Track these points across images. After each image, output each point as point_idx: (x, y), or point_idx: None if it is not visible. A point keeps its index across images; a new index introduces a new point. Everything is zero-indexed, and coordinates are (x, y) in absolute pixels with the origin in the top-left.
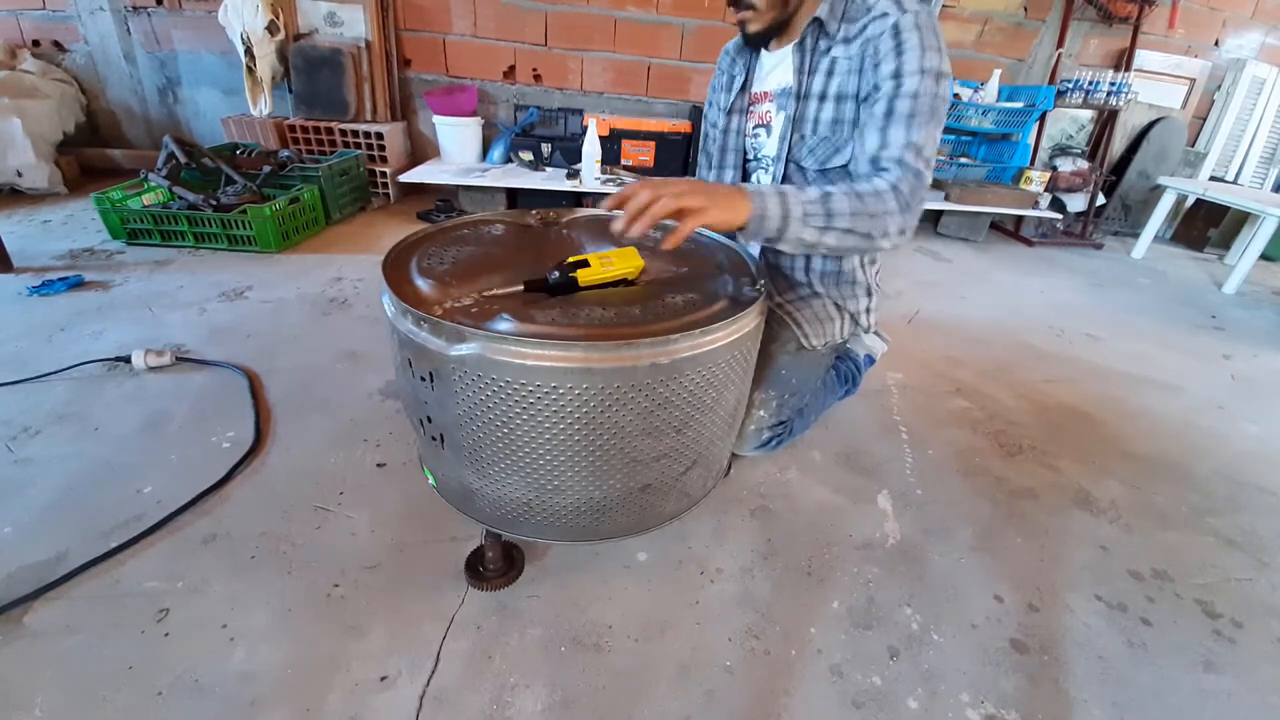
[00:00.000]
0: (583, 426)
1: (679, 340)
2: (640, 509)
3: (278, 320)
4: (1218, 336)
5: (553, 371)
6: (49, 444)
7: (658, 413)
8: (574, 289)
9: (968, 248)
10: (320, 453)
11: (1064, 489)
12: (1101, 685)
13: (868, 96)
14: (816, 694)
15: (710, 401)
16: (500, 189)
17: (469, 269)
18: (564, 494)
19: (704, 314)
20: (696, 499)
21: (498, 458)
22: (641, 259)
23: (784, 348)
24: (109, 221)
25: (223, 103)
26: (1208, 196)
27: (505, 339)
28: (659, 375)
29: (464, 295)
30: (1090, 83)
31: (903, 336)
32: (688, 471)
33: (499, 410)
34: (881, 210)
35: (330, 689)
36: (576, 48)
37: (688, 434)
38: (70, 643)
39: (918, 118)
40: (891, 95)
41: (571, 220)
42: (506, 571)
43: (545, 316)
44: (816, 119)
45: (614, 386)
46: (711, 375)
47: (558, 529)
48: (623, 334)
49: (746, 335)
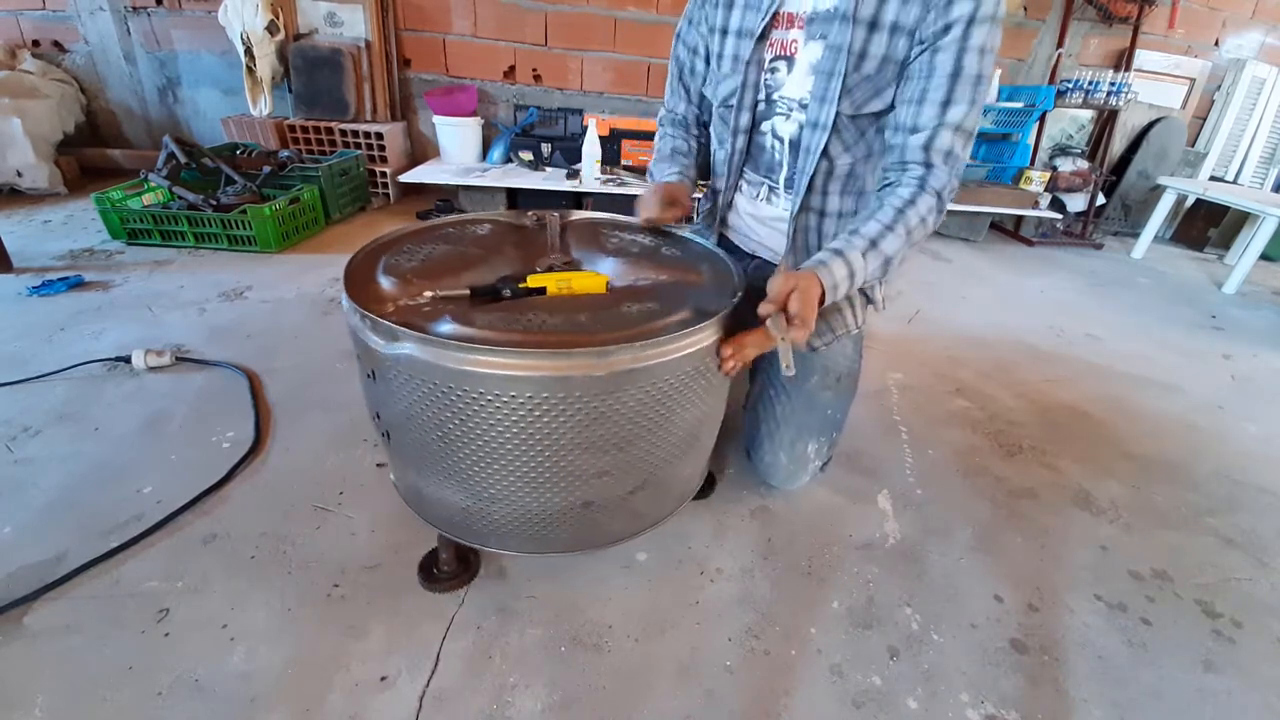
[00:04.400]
0: (514, 436)
1: (616, 353)
2: (584, 526)
3: (278, 320)
4: (1218, 336)
5: (482, 377)
6: (49, 444)
7: (594, 427)
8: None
9: (968, 248)
10: (320, 453)
11: (1064, 489)
12: (1101, 685)
13: (925, 39)
14: (816, 694)
15: (658, 420)
16: (500, 189)
17: (438, 268)
18: (501, 503)
19: (656, 325)
20: (654, 520)
21: (435, 461)
22: (605, 288)
23: (824, 381)
24: (109, 221)
25: (223, 103)
26: (1208, 196)
27: (436, 341)
28: (594, 388)
29: (421, 294)
30: (1090, 83)
31: (903, 336)
32: (636, 492)
33: (432, 413)
34: (925, 231)
35: (330, 689)
36: (576, 48)
37: (632, 452)
38: (70, 643)
39: (979, 83)
40: (961, 46)
41: (567, 223)
42: (460, 574)
43: (487, 320)
44: (864, 53)
45: (543, 397)
46: (659, 392)
47: (501, 538)
48: (558, 342)
49: (705, 350)
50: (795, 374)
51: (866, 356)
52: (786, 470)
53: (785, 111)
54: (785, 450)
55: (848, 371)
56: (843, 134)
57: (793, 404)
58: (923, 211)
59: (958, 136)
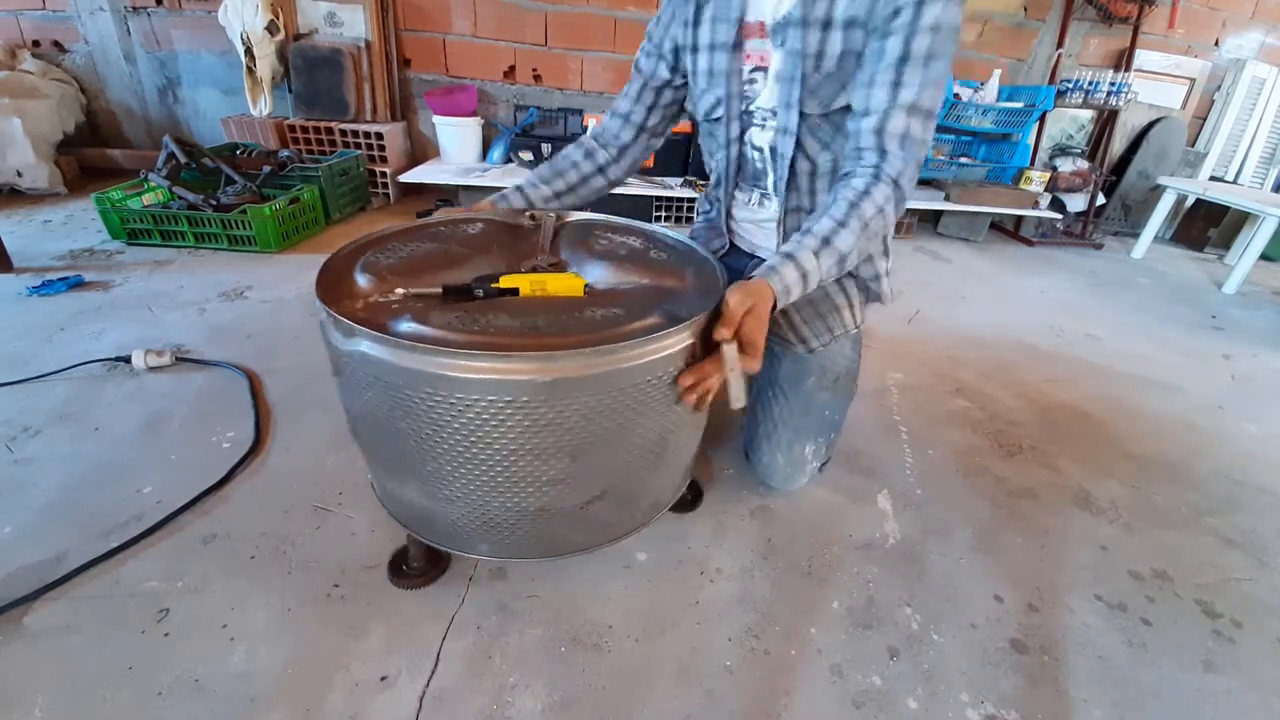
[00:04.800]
0: (462, 439)
1: (563, 359)
2: (540, 533)
3: (278, 320)
4: (1218, 336)
5: (428, 377)
6: (49, 444)
7: (543, 434)
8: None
9: (968, 248)
10: (320, 453)
11: (1064, 489)
12: (1101, 685)
13: (876, 26)
14: (816, 694)
15: (615, 430)
16: (500, 189)
17: (419, 266)
18: (456, 505)
19: (616, 331)
20: (624, 531)
21: (393, 459)
22: (582, 291)
23: (821, 382)
24: (109, 221)
25: (223, 103)
26: (1208, 196)
27: (386, 339)
28: (541, 394)
29: (394, 291)
30: (1090, 83)
31: (903, 336)
32: (594, 502)
33: (386, 410)
34: (884, 222)
35: (330, 689)
36: (576, 48)
37: (586, 462)
38: (70, 643)
39: (935, 60)
40: (910, 28)
41: (563, 223)
42: (428, 571)
43: (444, 320)
44: (821, 51)
45: (489, 400)
46: (615, 400)
47: (461, 539)
48: (506, 345)
49: (668, 359)
50: (790, 376)
51: (866, 356)
52: (784, 471)
53: (760, 122)
54: (783, 451)
55: (846, 372)
56: (818, 133)
57: (790, 405)
58: (879, 201)
59: (913, 118)
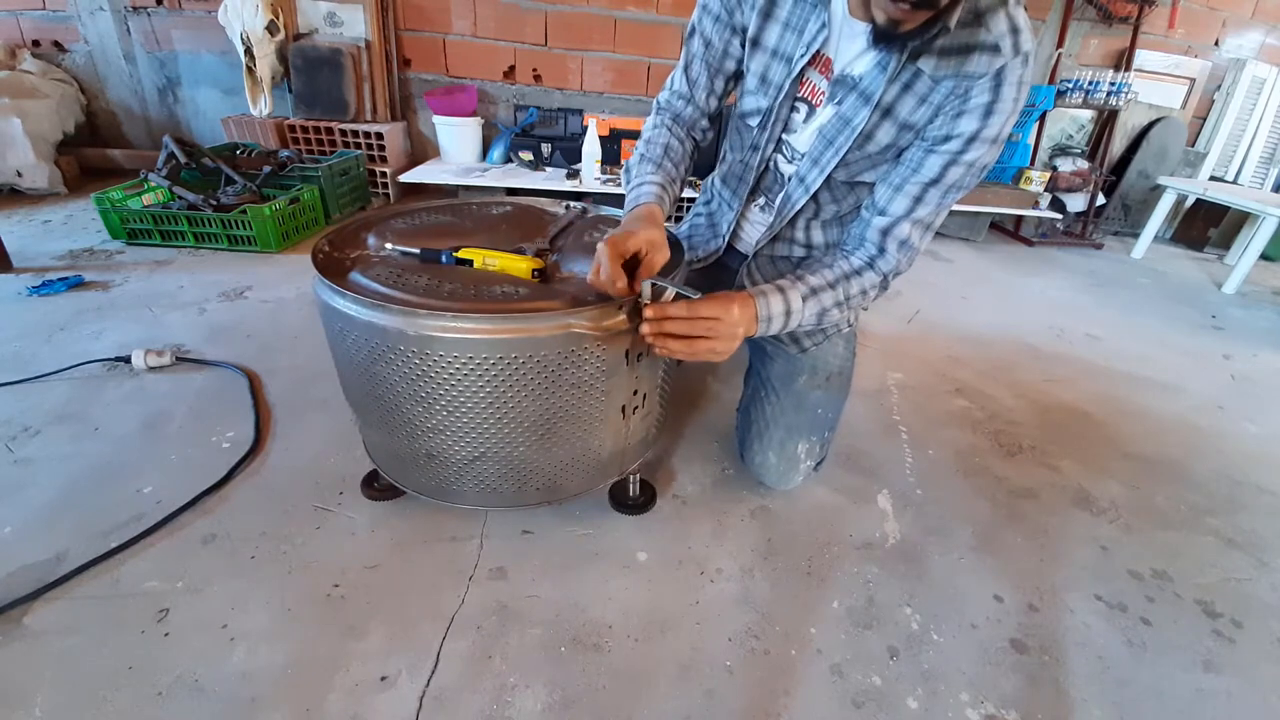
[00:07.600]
0: (366, 373)
1: (426, 317)
2: (432, 477)
3: (278, 320)
4: (1218, 336)
5: (342, 315)
6: (49, 444)
7: (420, 382)
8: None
9: (968, 248)
10: (320, 453)
11: (1064, 489)
12: (1101, 685)
13: (926, 136)
14: (816, 694)
15: (480, 394)
16: (500, 189)
17: (422, 233)
18: (373, 432)
19: (498, 304)
20: (511, 502)
21: (345, 388)
22: (530, 274)
23: (813, 381)
24: (109, 221)
25: (223, 103)
26: (1208, 196)
27: (326, 283)
28: (410, 344)
29: (383, 249)
30: (1090, 83)
31: (903, 336)
32: (476, 461)
33: (335, 344)
34: (862, 303)
35: (330, 689)
36: (576, 48)
37: (461, 418)
38: (70, 643)
39: (958, 190)
40: (953, 158)
41: (595, 218)
42: (390, 488)
43: (384, 275)
44: (871, 135)
45: (375, 343)
46: (475, 366)
47: (388, 467)
48: (397, 300)
49: (544, 342)
50: (782, 375)
51: (866, 356)
52: (777, 470)
53: (788, 155)
54: (775, 450)
55: (839, 370)
56: (834, 191)
57: (782, 404)
58: (865, 285)
59: (916, 228)
